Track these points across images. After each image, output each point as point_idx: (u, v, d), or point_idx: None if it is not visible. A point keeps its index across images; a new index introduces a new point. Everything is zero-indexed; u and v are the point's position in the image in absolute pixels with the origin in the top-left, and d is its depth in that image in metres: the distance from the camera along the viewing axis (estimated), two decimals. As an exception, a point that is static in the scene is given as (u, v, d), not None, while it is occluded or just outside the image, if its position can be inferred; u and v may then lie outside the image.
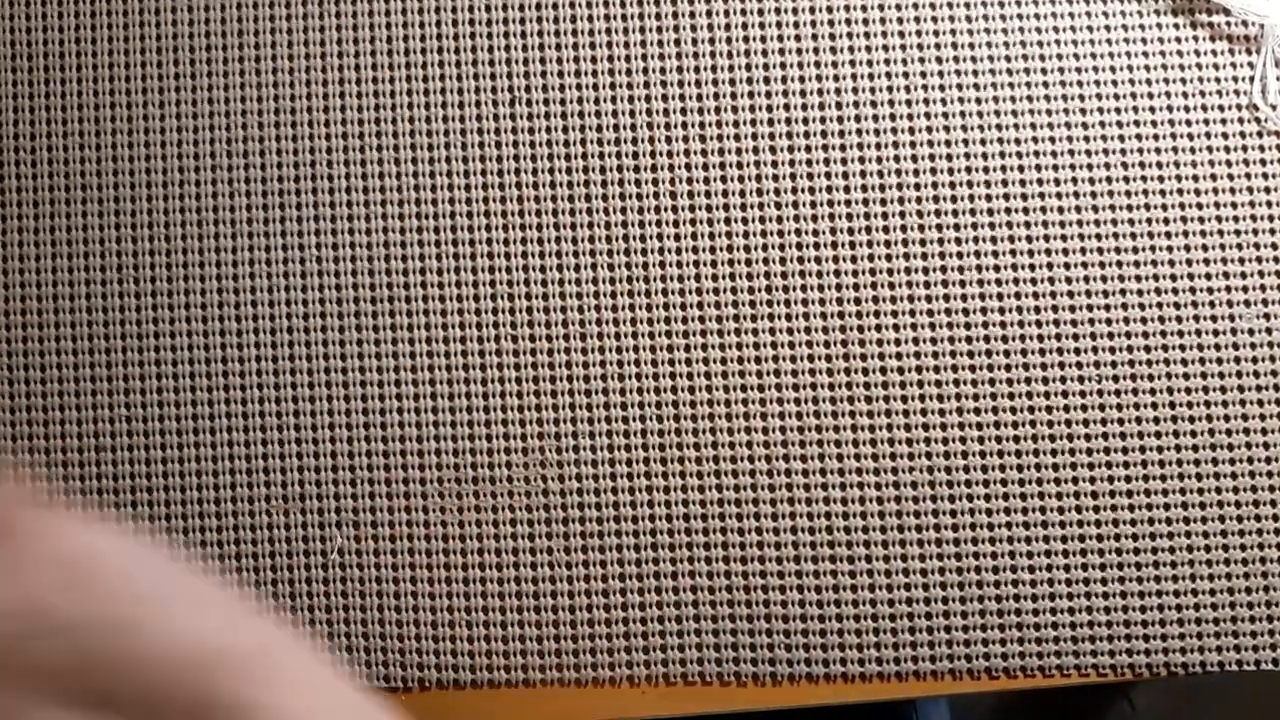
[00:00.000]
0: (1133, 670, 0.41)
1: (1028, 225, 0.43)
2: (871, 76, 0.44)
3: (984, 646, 0.41)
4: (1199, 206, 0.43)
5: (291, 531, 0.43)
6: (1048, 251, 0.43)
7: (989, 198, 0.43)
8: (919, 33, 0.44)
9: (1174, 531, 0.42)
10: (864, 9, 0.44)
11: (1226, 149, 0.43)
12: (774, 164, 0.43)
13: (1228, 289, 0.43)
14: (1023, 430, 0.42)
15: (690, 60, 0.44)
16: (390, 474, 0.43)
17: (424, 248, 0.43)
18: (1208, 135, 0.43)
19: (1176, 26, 0.44)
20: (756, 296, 0.43)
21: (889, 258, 0.43)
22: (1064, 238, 0.43)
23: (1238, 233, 0.43)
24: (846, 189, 0.43)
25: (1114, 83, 0.44)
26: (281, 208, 0.44)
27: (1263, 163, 0.43)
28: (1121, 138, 0.43)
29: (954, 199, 0.43)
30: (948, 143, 0.43)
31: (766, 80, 0.44)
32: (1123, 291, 0.43)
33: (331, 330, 0.43)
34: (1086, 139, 0.43)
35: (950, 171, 0.43)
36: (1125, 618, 0.41)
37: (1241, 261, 0.43)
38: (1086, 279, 0.43)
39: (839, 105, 0.44)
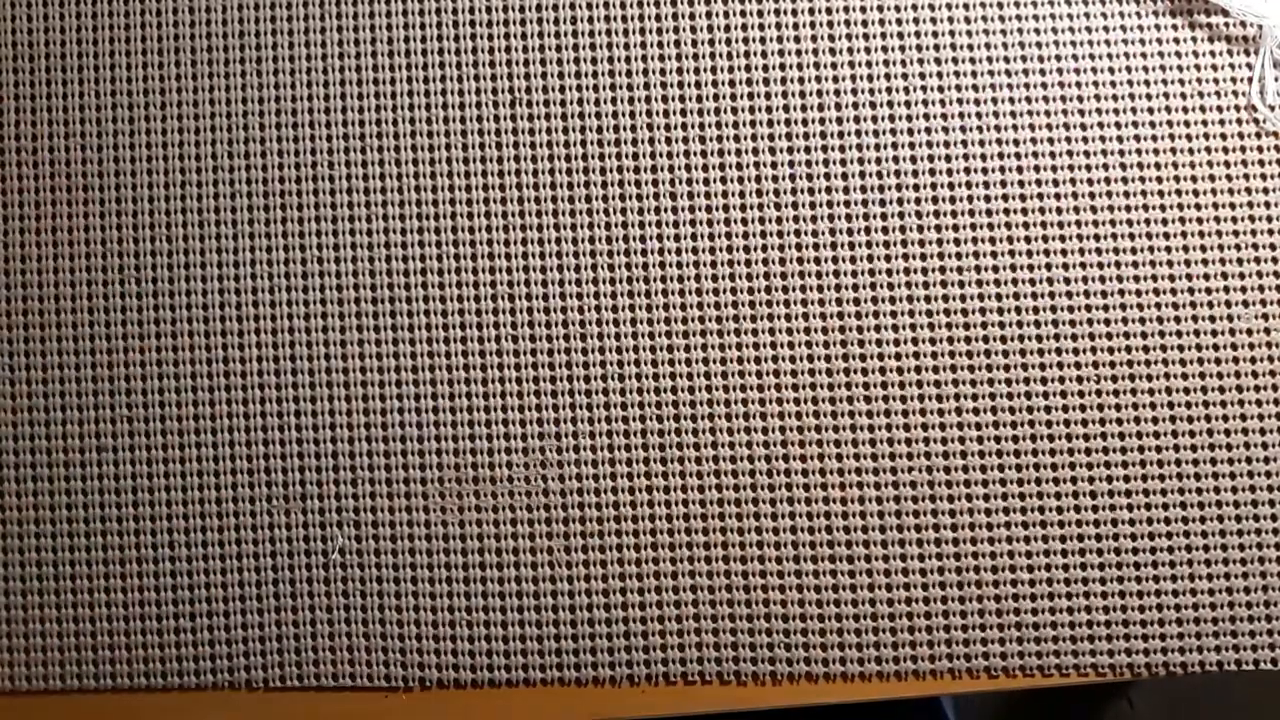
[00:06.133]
0: (1132, 670, 0.41)
1: (1027, 226, 0.43)
2: (871, 78, 0.44)
3: (984, 646, 0.41)
4: (1198, 207, 0.43)
5: (292, 531, 0.43)
6: (1047, 252, 0.43)
7: (988, 198, 0.43)
8: (918, 34, 0.44)
9: (1173, 531, 0.42)
10: (863, 10, 0.44)
11: (1225, 150, 0.43)
12: (774, 165, 0.44)
13: (1226, 290, 0.43)
14: (1022, 430, 0.42)
15: (690, 62, 0.44)
16: (390, 474, 0.43)
17: (424, 248, 0.43)
18: (1206, 136, 0.43)
19: (1175, 27, 0.44)
20: (756, 297, 0.43)
21: (889, 258, 0.43)
22: (1063, 238, 0.43)
23: (1236, 233, 0.43)
24: (846, 190, 0.43)
25: (1112, 84, 0.44)
26: (282, 208, 0.44)
27: (1261, 163, 0.43)
28: (1120, 139, 0.43)
29: (953, 199, 0.43)
30: (947, 144, 0.43)
31: (766, 81, 0.44)
32: (1122, 292, 0.43)
33: (332, 330, 0.43)
34: (1085, 140, 0.43)
35: (949, 172, 0.43)
36: (1125, 618, 0.41)
37: (1240, 262, 0.43)
38: (1086, 280, 0.43)
39: (839, 106, 0.44)
